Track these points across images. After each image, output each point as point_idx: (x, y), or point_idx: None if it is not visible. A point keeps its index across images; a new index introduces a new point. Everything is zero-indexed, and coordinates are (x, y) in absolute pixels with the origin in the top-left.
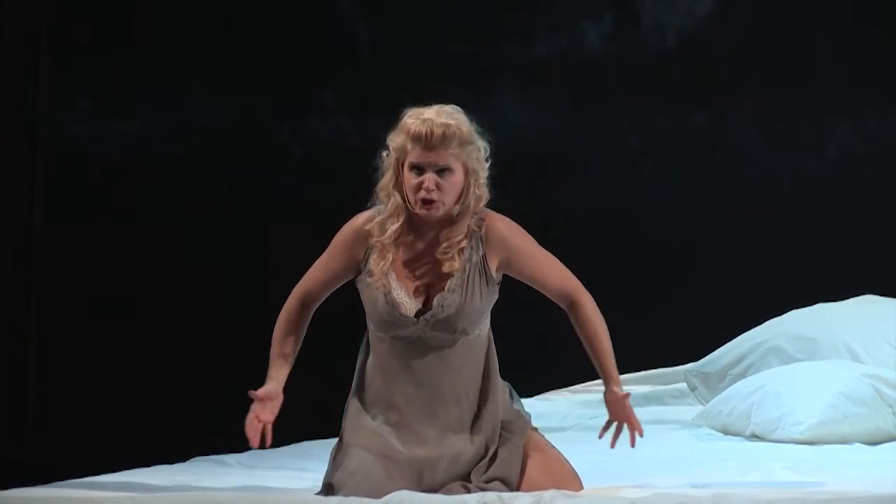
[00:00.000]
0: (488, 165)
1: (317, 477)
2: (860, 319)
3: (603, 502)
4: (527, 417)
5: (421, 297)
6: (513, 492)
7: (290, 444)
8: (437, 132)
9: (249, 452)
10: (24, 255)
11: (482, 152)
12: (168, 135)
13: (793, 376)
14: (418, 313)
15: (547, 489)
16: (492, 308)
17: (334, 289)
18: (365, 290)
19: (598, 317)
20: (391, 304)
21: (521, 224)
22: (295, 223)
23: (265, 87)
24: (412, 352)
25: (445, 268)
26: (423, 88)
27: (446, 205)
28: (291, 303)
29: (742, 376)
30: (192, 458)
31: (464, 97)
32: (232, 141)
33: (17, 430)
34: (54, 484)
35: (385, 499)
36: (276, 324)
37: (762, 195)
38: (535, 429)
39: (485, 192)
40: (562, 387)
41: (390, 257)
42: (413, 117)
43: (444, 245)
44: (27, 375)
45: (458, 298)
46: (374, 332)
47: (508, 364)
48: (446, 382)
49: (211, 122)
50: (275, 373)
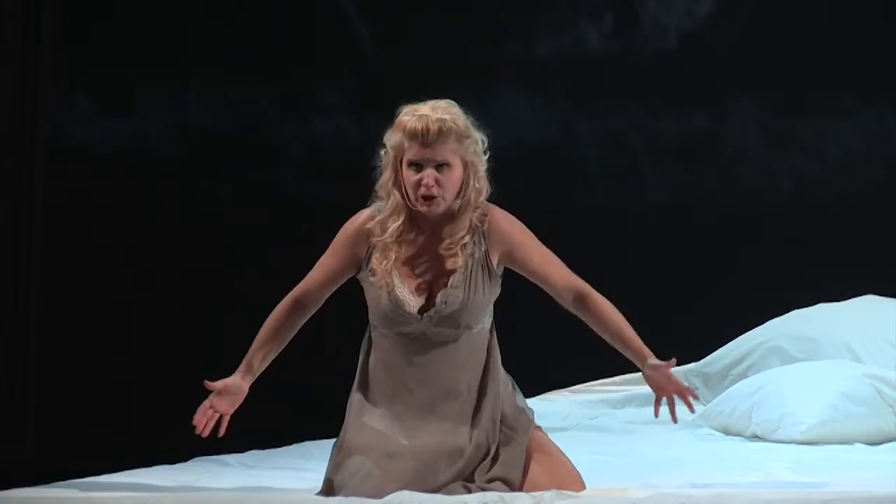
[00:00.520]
0: (487, 157)
1: (317, 477)
2: (861, 320)
3: (604, 502)
4: (530, 415)
5: (424, 294)
6: (514, 492)
7: (290, 444)
8: (434, 128)
9: (250, 453)
10: (24, 255)
11: (479, 145)
12: (168, 135)
13: (794, 376)
14: (422, 309)
15: (549, 490)
16: (494, 303)
17: (334, 289)
18: (368, 287)
19: (611, 304)
20: (394, 302)
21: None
22: (296, 223)
23: (266, 87)
24: (415, 347)
25: (449, 264)
26: (424, 88)
27: (447, 200)
28: (285, 301)
29: (743, 376)
30: (192, 458)
31: (465, 97)
32: (233, 141)
33: (17, 430)
34: (55, 484)
35: (386, 499)
36: (266, 321)
37: (763, 195)
38: (539, 428)
39: (484, 184)
40: (562, 387)
41: (393, 256)
42: (409, 114)
43: (447, 241)
44: (28, 375)
45: (461, 294)
46: (377, 328)
47: (509, 365)
48: (449, 377)
49: (211, 122)
50: (245, 367)
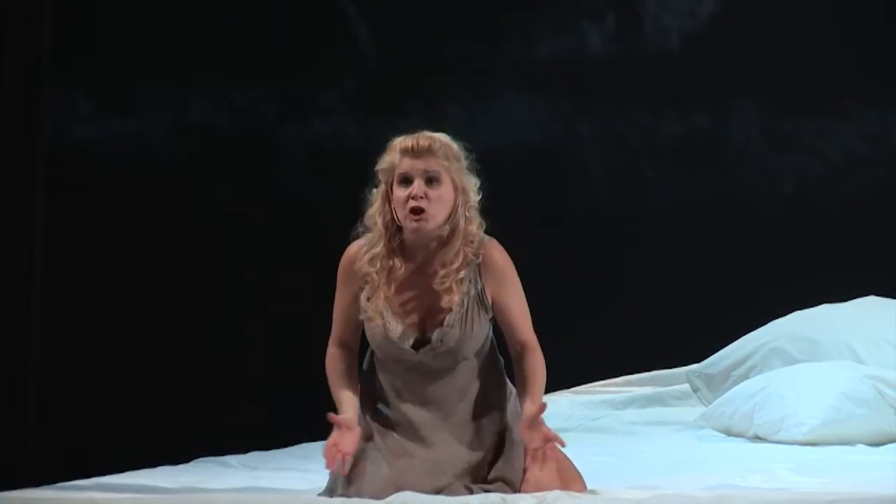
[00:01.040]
0: (479, 199)
1: (319, 478)
2: (863, 321)
3: (605, 503)
4: None
5: (418, 328)
6: (515, 493)
7: (292, 445)
8: (424, 143)
9: (252, 454)
10: (25, 255)
11: (473, 180)
12: (169, 135)
13: (795, 377)
14: (417, 344)
15: (550, 490)
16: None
17: (360, 324)
18: (364, 321)
19: (543, 367)
20: (389, 341)
21: (522, 225)
22: (296, 223)
23: (266, 88)
24: (415, 375)
25: (444, 302)
26: (424, 89)
27: (436, 218)
28: (330, 351)
29: (745, 377)
30: (195, 459)
31: (465, 98)
32: (233, 141)
33: (19, 431)
34: (57, 485)
35: (388, 500)
36: (327, 373)
37: (764, 196)
38: None
39: (476, 216)
40: (565, 388)
41: (382, 294)
42: (400, 137)
43: (441, 273)
44: (29, 376)
45: (457, 332)
46: (377, 355)
47: (510, 366)
48: (450, 401)
49: (212, 122)
50: (346, 406)
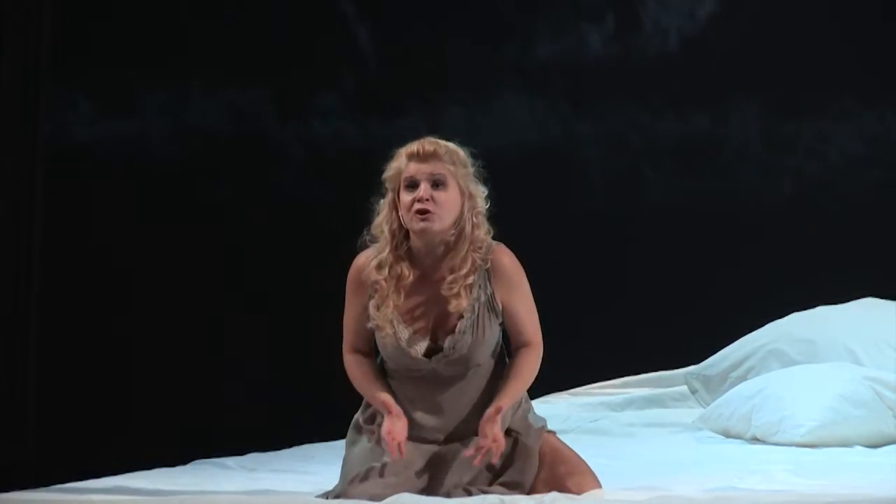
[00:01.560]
0: (487, 207)
1: (317, 479)
2: (861, 322)
3: None
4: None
5: (428, 336)
6: (514, 494)
7: (290, 446)
8: (430, 147)
9: (250, 455)
10: (24, 256)
11: (480, 187)
12: (168, 136)
13: (793, 379)
14: (429, 352)
15: (566, 490)
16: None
17: (372, 331)
18: (375, 330)
19: (536, 365)
20: (400, 350)
21: (523, 226)
22: (295, 224)
23: (266, 89)
24: (427, 384)
25: (452, 307)
26: (424, 90)
27: (442, 220)
28: (348, 358)
29: (743, 379)
30: (192, 460)
31: (465, 99)
32: (232, 142)
33: (18, 433)
34: (55, 487)
35: (388, 500)
36: (351, 380)
37: (763, 197)
38: (552, 432)
39: (483, 222)
40: (562, 390)
41: (391, 303)
42: (407, 145)
43: (449, 279)
44: (28, 377)
45: (469, 339)
46: (387, 364)
47: None
48: (461, 408)
49: (212, 123)
50: (387, 397)
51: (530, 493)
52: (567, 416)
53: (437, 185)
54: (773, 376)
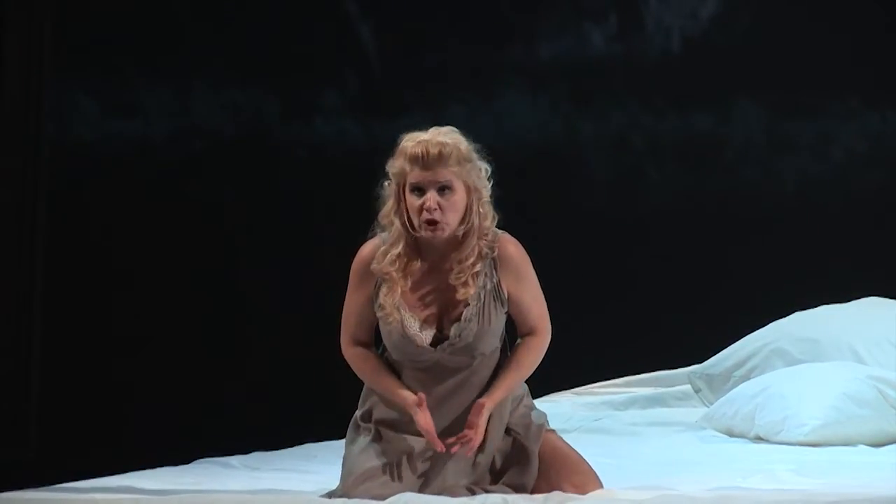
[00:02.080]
0: (491, 185)
1: (320, 479)
2: (864, 321)
3: None
4: (541, 422)
5: (435, 325)
6: (516, 494)
7: (293, 446)
8: (434, 151)
9: (253, 454)
10: (26, 256)
11: (483, 172)
12: (171, 136)
13: (797, 378)
14: (434, 341)
15: (567, 490)
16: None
17: (374, 323)
18: (380, 321)
19: (540, 356)
20: (406, 338)
21: (525, 225)
22: (297, 224)
23: (269, 89)
24: (431, 375)
25: (460, 294)
26: (426, 90)
27: (450, 225)
28: (352, 351)
29: (746, 378)
30: (195, 460)
31: (468, 99)
32: (235, 142)
33: (20, 432)
34: (57, 486)
35: (389, 500)
36: (358, 374)
37: (766, 196)
38: (553, 431)
39: (490, 210)
40: (565, 389)
41: (399, 290)
42: (410, 140)
43: (456, 270)
44: (31, 377)
45: (475, 327)
46: (391, 356)
47: None
48: (466, 401)
49: (215, 123)
50: (402, 388)
51: (532, 494)
52: (570, 415)
53: (443, 191)
54: (777, 375)
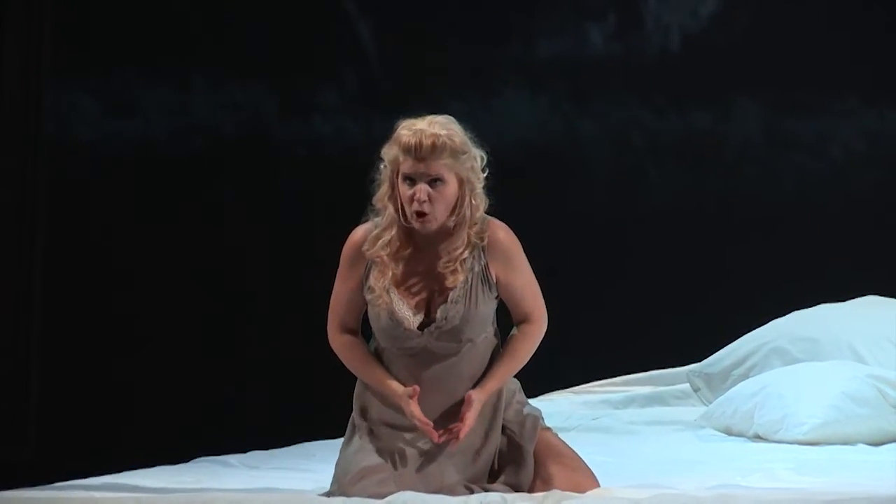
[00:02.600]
0: (485, 175)
1: (318, 477)
2: (863, 320)
3: (604, 503)
4: (535, 420)
5: (423, 309)
6: (515, 493)
7: (292, 444)
8: (427, 143)
9: (251, 453)
10: (26, 255)
11: (477, 161)
12: (170, 135)
13: (796, 377)
14: (422, 325)
15: (564, 488)
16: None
17: (363, 309)
18: (368, 304)
19: (535, 344)
20: (394, 321)
21: (525, 225)
22: (297, 223)
23: (268, 88)
24: (417, 362)
25: (449, 282)
26: (425, 88)
27: (438, 219)
28: (340, 339)
29: (745, 377)
30: (194, 458)
31: (467, 97)
32: (234, 141)
33: (19, 431)
34: (56, 485)
35: (388, 499)
36: (345, 363)
37: (765, 195)
38: (549, 429)
39: (481, 200)
40: (564, 387)
41: (390, 273)
42: (405, 128)
43: (445, 259)
44: (30, 376)
45: (461, 309)
46: (379, 343)
47: None
48: (453, 390)
49: (214, 122)
50: (391, 380)
51: (529, 492)
52: (569, 413)
53: (435, 182)
54: (776, 374)
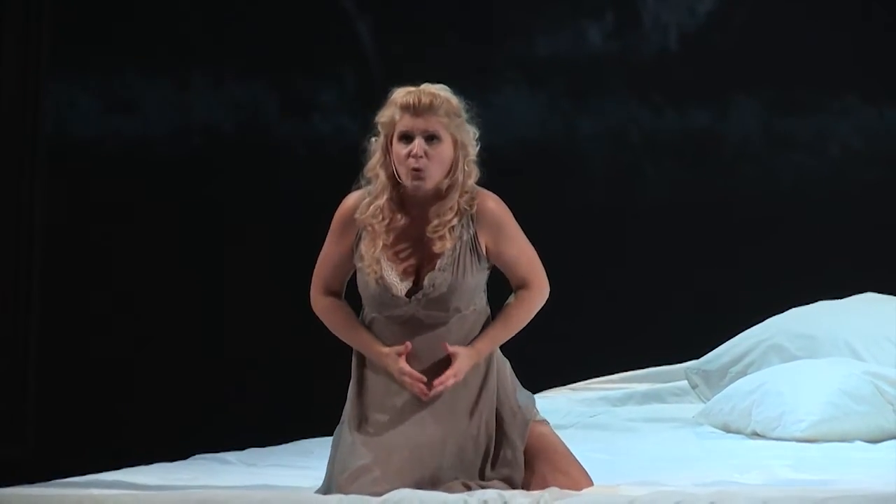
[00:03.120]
0: (478, 148)
1: (317, 475)
2: (861, 317)
3: (602, 500)
4: (528, 411)
5: (412, 277)
6: (514, 490)
7: (290, 441)
8: (425, 99)
9: (249, 450)
10: (24, 253)
11: (471, 134)
12: (170, 133)
13: (793, 374)
14: (410, 292)
15: (555, 486)
16: (491, 293)
17: (347, 276)
18: (358, 271)
19: (531, 309)
20: (382, 286)
21: (523, 222)
22: (296, 222)
23: (268, 86)
24: (406, 331)
25: (437, 248)
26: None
27: (434, 177)
28: (323, 301)
29: (743, 374)
30: (192, 455)
31: (466, 95)
32: (234, 140)
33: (18, 429)
34: (55, 482)
35: (385, 497)
36: (329, 325)
37: (763, 193)
38: (545, 422)
39: (474, 169)
40: (562, 384)
41: (380, 242)
42: (401, 91)
43: (435, 223)
44: (28, 374)
45: (448, 277)
46: (367, 312)
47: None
48: (443, 361)
49: (213, 120)
50: (376, 342)
51: (523, 489)
52: (566, 410)
53: (430, 140)
54: (774, 371)
